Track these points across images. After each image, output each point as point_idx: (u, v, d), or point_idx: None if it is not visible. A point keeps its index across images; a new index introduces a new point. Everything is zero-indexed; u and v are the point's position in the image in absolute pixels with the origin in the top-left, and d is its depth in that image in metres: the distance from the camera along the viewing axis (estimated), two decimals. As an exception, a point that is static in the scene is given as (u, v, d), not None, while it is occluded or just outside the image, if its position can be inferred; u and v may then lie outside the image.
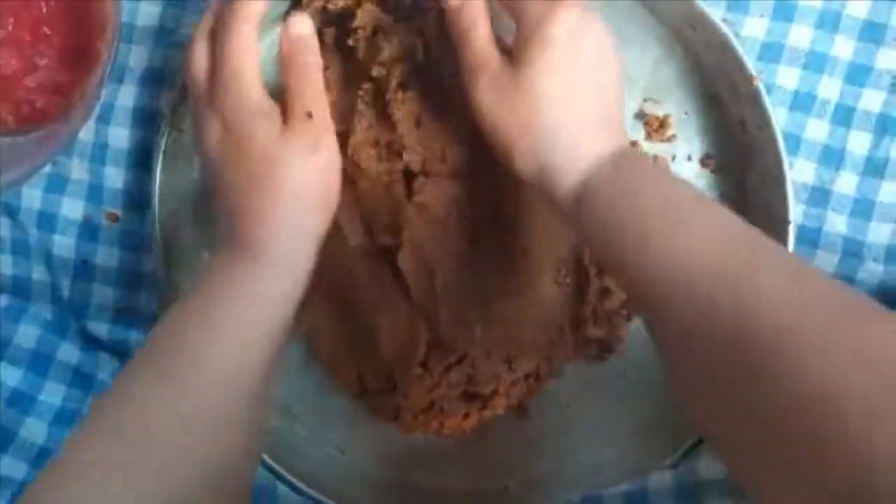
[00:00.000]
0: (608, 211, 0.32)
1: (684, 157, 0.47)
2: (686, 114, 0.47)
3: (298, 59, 0.36)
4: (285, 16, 0.45)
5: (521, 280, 0.44)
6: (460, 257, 0.43)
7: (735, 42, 0.43)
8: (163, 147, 0.44)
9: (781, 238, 0.44)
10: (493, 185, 0.43)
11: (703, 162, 0.47)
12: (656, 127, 0.46)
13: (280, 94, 0.36)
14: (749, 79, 0.43)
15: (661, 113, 0.47)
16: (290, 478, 0.45)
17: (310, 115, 0.35)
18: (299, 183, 0.35)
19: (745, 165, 0.46)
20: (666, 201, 0.32)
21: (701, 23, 0.44)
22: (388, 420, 0.47)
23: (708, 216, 0.31)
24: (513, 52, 0.35)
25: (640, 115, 0.47)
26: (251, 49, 0.35)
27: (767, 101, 0.43)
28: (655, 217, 0.31)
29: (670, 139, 0.47)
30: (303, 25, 0.36)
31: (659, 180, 0.33)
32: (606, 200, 0.32)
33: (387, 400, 0.46)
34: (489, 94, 0.34)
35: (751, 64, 0.43)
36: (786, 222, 0.44)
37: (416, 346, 0.44)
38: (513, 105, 0.34)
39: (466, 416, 0.47)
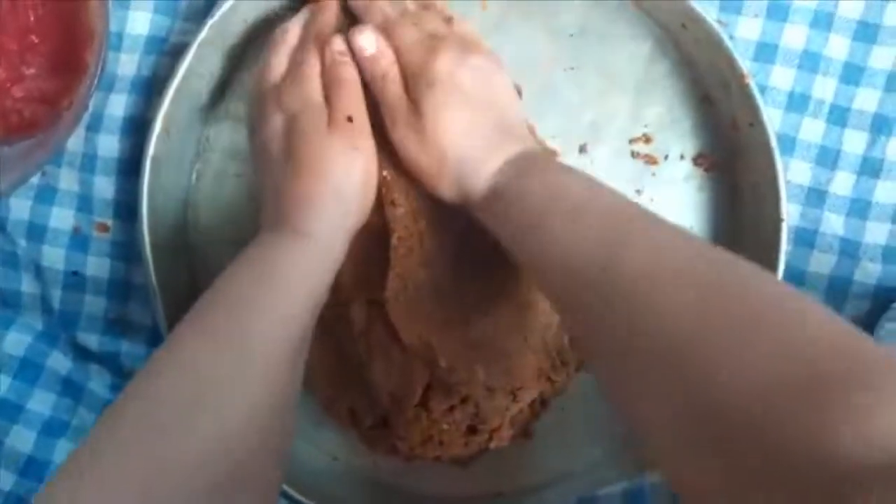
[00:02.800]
0: (507, 209, 0.37)
1: (677, 156, 0.47)
2: (678, 112, 0.47)
3: (337, 73, 0.40)
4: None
5: (521, 311, 0.43)
6: (455, 301, 0.43)
7: (726, 39, 0.43)
8: (150, 153, 0.44)
9: (775, 236, 0.44)
10: (468, 221, 0.42)
11: (696, 161, 0.47)
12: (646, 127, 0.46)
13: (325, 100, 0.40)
14: (740, 76, 0.43)
15: (653, 111, 0.46)
16: (283, 485, 0.44)
17: (349, 120, 0.39)
18: (340, 176, 0.39)
19: (737, 164, 0.46)
20: (555, 192, 0.36)
21: (692, 20, 0.44)
22: (383, 454, 0.46)
23: (593, 202, 0.36)
24: (408, 97, 0.40)
25: (634, 115, 0.46)
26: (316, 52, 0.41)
27: (759, 97, 0.43)
28: (545, 209, 0.36)
29: (659, 138, 0.46)
30: (340, 44, 0.41)
31: (551, 174, 0.38)
32: (505, 200, 0.37)
33: (382, 435, 0.45)
34: (405, 135, 0.39)
35: (742, 61, 0.43)
36: (779, 220, 0.43)
37: (413, 390, 0.43)
38: (423, 144, 0.39)
39: (467, 444, 0.46)
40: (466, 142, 0.38)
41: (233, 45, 0.46)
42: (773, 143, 0.43)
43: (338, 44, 0.41)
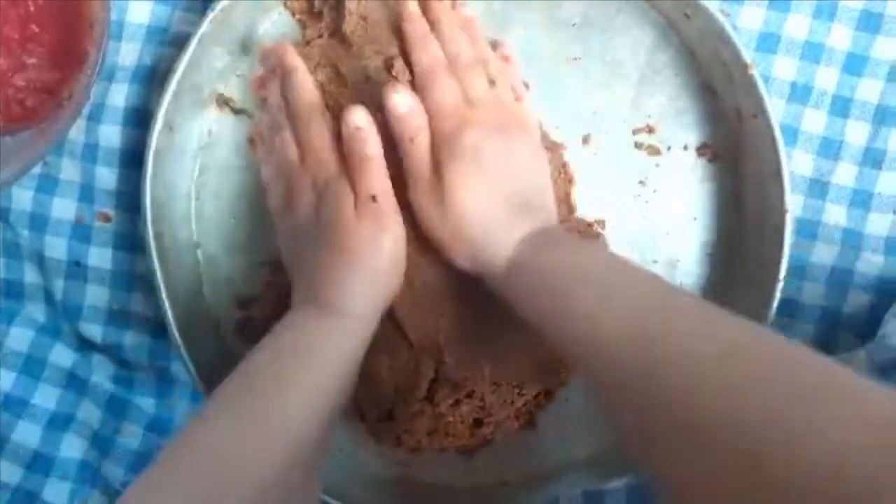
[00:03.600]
0: (528, 284, 0.37)
1: (681, 146, 0.47)
2: (682, 102, 0.47)
3: (358, 149, 0.40)
4: None
5: None
6: (461, 299, 0.43)
7: (729, 29, 0.43)
8: (153, 146, 0.44)
9: (779, 227, 0.44)
10: None
11: (700, 151, 0.47)
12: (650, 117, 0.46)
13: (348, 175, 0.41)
14: (744, 66, 0.43)
15: (656, 102, 0.46)
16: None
17: (374, 199, 0.39)
18: (369, 256, 0.39)
19: (741, 154, 0.46)
20: (578, 270, 0.36)
21: (695, 10, 0.44)
22: (389, 447, 0.46)
23: (619, 280, 0.35)
24: (434, 164, 0.40)
25: (637, 105, 0.46)
26: (321, 119, 0.42)
27: (763, 87, 0.43)
28: (569, 288, 0.35)
29: (663, 129, 0.46)
30: (359, 118, 0.40)
31: (571, 251, 0.38)
32: (525, 276, 0.37)
33: (388, 427, 0.46)
34: (424, 200, 0.40)
35: (745, 51, 0.43)
36: (783, 211, 0.43)
37: (418, 385, 0.43)
38: (441, 212, 0.39)
39: (472, 436, 0.46)
40: (484, 215, 0.39)
41: (233, 38, 0.46)
42: (777, 133, 0.43)
43: (356, 118, 0.40)
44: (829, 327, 0.47)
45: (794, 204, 0.46)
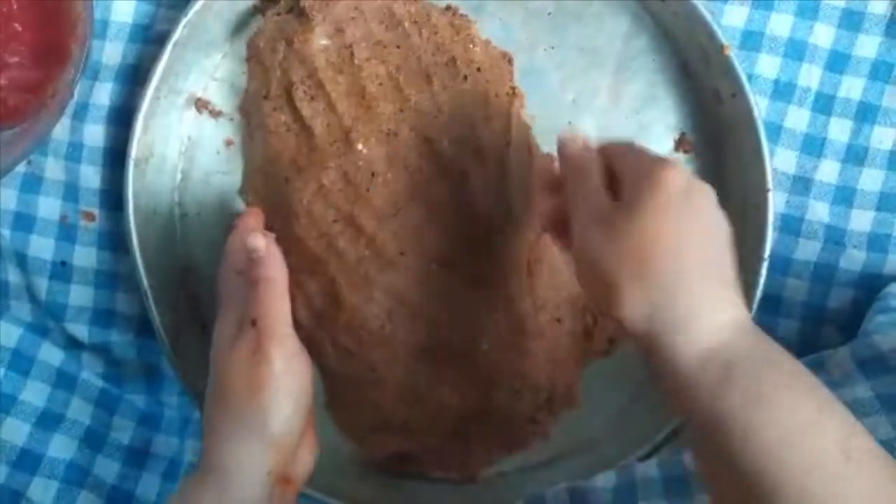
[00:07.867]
0: (737, 392, 0.30)
1: (660, 130, 0.47)
2: (660, 86, 0.47)
3: (253, 274, 0.36)
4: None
5: (529, 334, 0.44)
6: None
7: (703, 10, 0.43)
8: (135, 145, 0.44)
9: (761, 205, 0.44)
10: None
11: (680, 137, 0.47)
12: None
13: None
14: (720, 47, 0.43)
15: (635, 87, 0.47)
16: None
17: (253, 323, 0.34)
18: (242, 395, 0.33)
19: (722, 136, 0.46)
20: (787, 392, 0.30)
21: (669, -7, 0.44)
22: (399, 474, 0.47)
23: (810, 399, 0.30)
24: (622, 194, 0.33)
25: (615, 91, 0.46)
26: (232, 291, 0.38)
27: (740, 67, 0.43)
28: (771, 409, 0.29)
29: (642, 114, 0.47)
30: (255, 241, 0.36)
31: (777, 364, 0.31)
32: (738, 381, 0.30)
33: (404, 466, 0.47)
34: (597, 232, 0.32)
35: (720, 32, 0.43)
36: (765, 189, 0.44)
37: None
38: (623, 247, 0.31)
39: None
40: (684, 269, 0.31)
41: (211, 41, 0.46)
42: (756, 111, 0.43)
43: (251, 241, 0.36)
44: (812, 323, 0.47)
45: (778, 200, 0.47)
